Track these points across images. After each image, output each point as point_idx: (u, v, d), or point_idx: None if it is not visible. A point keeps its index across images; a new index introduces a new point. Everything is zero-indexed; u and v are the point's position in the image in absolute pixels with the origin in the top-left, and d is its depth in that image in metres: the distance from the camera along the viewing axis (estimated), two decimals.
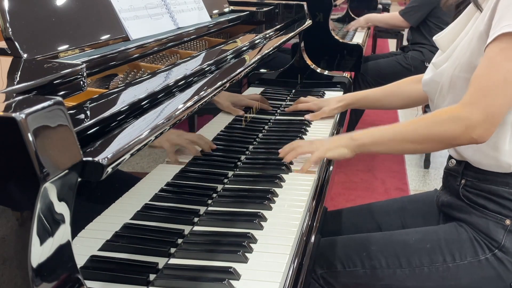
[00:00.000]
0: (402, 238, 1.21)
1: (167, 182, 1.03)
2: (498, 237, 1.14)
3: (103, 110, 0.75)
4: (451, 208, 1.26)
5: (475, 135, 1.05)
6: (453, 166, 1.25)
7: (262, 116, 1.61)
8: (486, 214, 1.17)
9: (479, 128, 1.05)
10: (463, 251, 1.16)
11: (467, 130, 1.06)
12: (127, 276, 0.84)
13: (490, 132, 1.06)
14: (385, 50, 6.55)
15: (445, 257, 1.16)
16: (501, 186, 1.16)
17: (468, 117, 1.05)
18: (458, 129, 1.07)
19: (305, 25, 1.95)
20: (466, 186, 1.21)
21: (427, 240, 1.19)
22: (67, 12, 0.97)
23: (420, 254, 1.17)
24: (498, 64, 1.03)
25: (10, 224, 0.55)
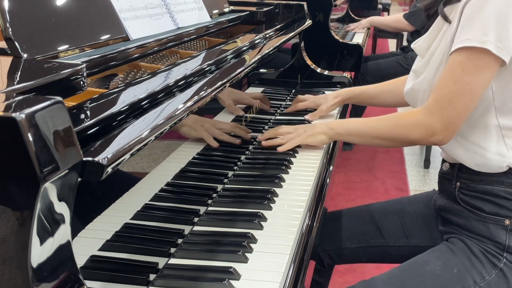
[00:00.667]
0: (428, 270, 1.15)
1: (167, 182, 1.03)
2: (501, 239, 1.13)
3: (103, 110, 0.75)
4: (448, 213, 1.25)
5: (435, 140, 1.14)
6: (447, 169, 1.25)
7: (262, 116, 1.61)
8: (484, 217, 1.16)
9: (439, 135, 1.13)
10: (485, 265, 1.13)
11: (427, 135, 1.14)
12: (127, 276, 0.84)
13: (449, 137, 1.13)
14: (385, 50, 6.55)
15: (475, 278, 1.12)
16: (496, 185, 1.15)
17: (428, 124, 1.13)
18: (418, 134, 1.16)
19: (305, 25, 1.95)
20: (461, 188, 1.21)
21: (452, 264, 1.15)
22: (67, 12, 0.97)
23: (451, 283, 1.12)
24: (456, 76, 1.09)
25: (10, 224, 0.55)
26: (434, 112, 1.12)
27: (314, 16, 2.87)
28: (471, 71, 1.07)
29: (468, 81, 1.07)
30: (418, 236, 1.35)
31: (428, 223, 1.35)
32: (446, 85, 1.10)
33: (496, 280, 1.12)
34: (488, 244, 1.15)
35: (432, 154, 3.43)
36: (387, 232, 1.37)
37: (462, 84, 1.08)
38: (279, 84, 1.88)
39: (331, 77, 2.05)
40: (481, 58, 1.05)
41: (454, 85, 1.09)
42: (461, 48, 1.07)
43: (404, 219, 1.37)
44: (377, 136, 1.24)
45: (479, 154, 1.15)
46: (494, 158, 1.14)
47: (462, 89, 1.08)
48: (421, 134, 1.15)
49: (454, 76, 1.09)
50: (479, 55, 1.05)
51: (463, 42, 1.06)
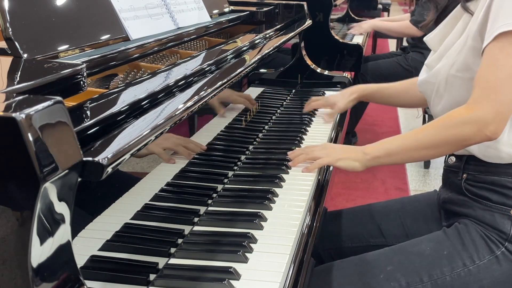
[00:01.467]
0: (416, 250, 1.16)
1: (167, 182, 1.03)
2: (506, 228, 1.14)
3: (103, 110, 0.75)
4: (452, 204, 1.25)
5: (489, 133, 1.07)
6: (453, 162, 1.26)
7: (262, 116, 1.61)
8: (490, 206, 1.16)
9: (492, 125, 1.07)
10: (479, 250, 1.14)
11: (480, 129, 1.07)
12: (127, 276, 0.84)
13: (501, 127, 1.08)
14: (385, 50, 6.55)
15: (465, 261, 1.13)
16: (503, 176, 1.16)
17: (479, 116, 1.07)
18: (471, 129, 1.08)
19: (305, 25, 1.95)
20: (468, 180, 1.21)
21: (442, 246, 1.16)
22: (67, 12, 0.97)
23: (439, 263, 1.13)
24: (500, 61, 1.06)
25: (10, 224, 0.55)
26: (481, 103, 1.07)
27: (314, 16, 2.87)
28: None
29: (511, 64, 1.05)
30: (418, 235, 1.35)
31: (429, 222, 1.35)
32: (490, 73, 1.07)
33: (488, 265, 1.12)
34: (491, 232, 1.15)
35: None
36: (388, 231, 1.37)
37: (507, 67, 1.05)
38: (279, 84, 1.88)
39: (331, 77, 2.05)
40: None
41: (499, 71, 1.06)
42: (499, 35, 1.05)
43: (404, 219, 1.38)
44: (426, 147, 1.15)
45: (490, 146, 1.15)
46: (504, 149, 1.15)
47: (509, 73, 1.05)
48: (474, 128, 1.08)
49: (496, 63, 1.06)
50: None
51: (500, 28, 1.05)
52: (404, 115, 4.40)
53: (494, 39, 1.06)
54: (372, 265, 1.16)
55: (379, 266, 1.15)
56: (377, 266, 1.15)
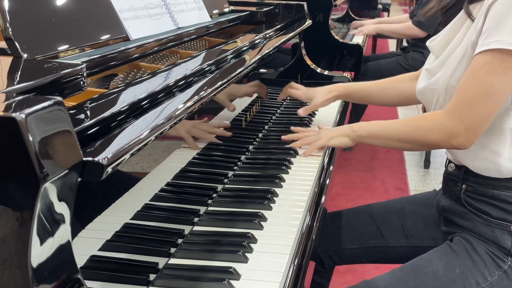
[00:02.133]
0: (429, 271, 1.14)
1: (167, 182, 1.03)
2: (506, 244, 1.13)
3: (103, 110, 0.75)
4: (452, 214, 1.24)
5: (456, 143, 1.11)
6: (453, 170, 1.24)
7: (262, 116, 1.61)
8: (490, 222, 1.15)
9: (460, 138, 1.10)
10: (489, 266, 1.12)
11: (448, 138, 1.11)
12: (127, 276, 0.84)
13: (471, 140, 1.10)
14: (385, 50, 6.55)
15: (477, 279, 1.11)
16: (503, 190, 1.15)
17: (449, 126, 1.10)
18: (439, 137, 1.13)
19: (305, 25, 1.95)
20: (467, 191, 1.20)
21: (454, 265, 1.14)
22: (67, 12, 0.97)
23: (454, 284, 1.12)
24: (479, 77, 1.06)
25: (10, 224, 0.55)
26: (454, 114, 1.10)
27: (314, 16, 2.87)
28: (495, 72, 1.04)
29: (492, 82, 1.05)
30: (418, 237, 1.35)
31: (428, 224, 1.34)
32: (469, 86, 1.08)
33: (498, 281, 1.11)
34: (493, 247, 1.14)
35: (432, 154, 3.43)
36: (388, 232, 1.37)
37: (486, 85, 1.05)
38: (279, 84, 1.87)
39: (331, 77, 2.05)
40: (507, 60, 1.03)
41: (476, 87, 1.06)
42: (486, 51, 1.04)
43: (404, 220, 1.37)
44: (398, 139, 1.22)
45: (490, 160, 1.14)
46: (505, 164, 1.13)
47: (485, 91, 1.06)
48: (441, 136, 1.12)
49: (477, 78, 1.06)
50: (506, 57, 1.03)
51: (489, 45, 1.04)
52: (404, 115, 4.40)
53: (481, 52, 1.05)
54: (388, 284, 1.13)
55: None
56: None
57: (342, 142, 1.32)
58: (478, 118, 1.08)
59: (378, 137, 1.27)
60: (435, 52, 1.26)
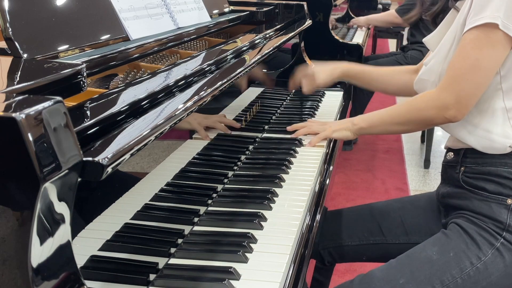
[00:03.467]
0: (423, 256, 1.16)
1: (167, 182, 1.03)
2: (502, 217, 1.14)
3: (103, 110, 0.75)
4: (450, 198, 1.26)
5: (448, 116, 1.17)
6: (452, 158, 1.27)
7: (262, 116, 1.61)
8: (486, 196, 1.18)
9: (451, 110, 1.16)
10: (481, 246, 1.14)
11: (440, 112, 1.18)
12: (127, 276, 0.84)
13: (462, 113, 1.16)
14: (385, 50, 6.55)
15: (471, 259, 1.13)
16: (500, 166, 1.18)
17: (441, 100, 1.17)
18: (433, 112, 1.19)
19: (305, 25, 1.95)
20: (465, 172, 1.23)
21: (447, 248, 1.16)
22: (67, 12, 0.97)
23: (448, 267, 1.13)
24: (467, 52, 1.13)
25: (10, 224, 0.55)
26: (445, 88, 1.16)
27: (314, 16, 2.87)
28: (480, 47, 1.11)
29: (477, 56, 1.11)
30: (418, 233, 1.35)
31: (429, 221, 1.35)
32: (457, 62, 1.15)
33: (492, 259, 1.13)
34: (488, 223, 1.16)
35: (432, 154, 3.43)
36: (388, 229, 1.37)
37: (472, 59, 1.12)
38: (279, 84, 1.88)
39: None
40: (490, 35, 1.10)
41: (464, 61, 1.13)
42: (473, 27, 1.11)
43: (404, 217, 1.38)
44: (396, 122, 1.29)
45: (485, 137, 1.18)
46: (499, 140, 1.17)
47: (471, 65, 1.12)
48: (435, 110, 1.18)
49: (464, 53, 1.13)
50: (489, 31, 1.09)
51: (476, 21, 1.10)
52: None
53: (468, 30, 1.12)
54: (384, 280, 1.14)
55: (392, 281, 1.14)
56: (389, 282, 1.14)
57: (344, 135, 1.40)
58: (467, 90, 1.14)
59: (377, 125, 1.34)
60: (430, 47, 1.33)
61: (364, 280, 1.17)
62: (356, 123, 1.38)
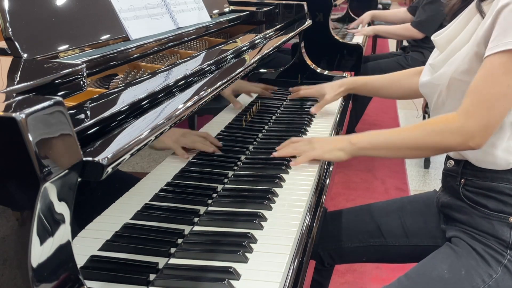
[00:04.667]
0: (435, 275, 1.14)
1: (167, 182, 1.03)
2: (505, 236, 1.13)
3: (103, 110, 0.75)
4: (451, 209, 1.24)
5: (473, 144, 1.09)
6: (452, 166, 1.25)
7: (262, 116, 1.61)
8: (488, 214, 1.15)
9: (477, 138, 1.08)
10: (491, 263, 1.13)
11: (465, 140, 1.09)
12: (127, 276, 0.84)
13: (486, 140, 1.10)
14: (385, 50, 6.55)
15: (483, 277, 1.11)
16: (501, 182, 1.15)
17: (466, 128, 1.09)
18: (456, 139, 1.10)
19: (305, 25, 1.95)
20: (466, 185, 1.20)
21: (458, 266, 1.14)
22: (67, 12, 0.97)
23: (462, 286, 1.12)
24: (498, 77, 1.05)
25: (10, 224, 0.55)
26: (471, 115, 1.08)
27: (314, 16, 2.87)
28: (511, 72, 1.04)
29: (509, 83, 1.04)
30: (418, 236, 1.35)
31: (428, 223, 1.35)
32: (486, 87, 1.07)
33: (502, 276, 1.12)
34: (492, 241, 1.14)
35: None
36: (387, 231, 1.37)
37: (504, 86, 1.05)
38: (279, 84, 1.88)
39: (331, 77, 2.04)
40: None
41: (495, 88, 1.06)
42: (502, 51, 1.04)
43: (404, 219, 1.37)
44: (408, 147, 1.17)
45: (488, 152, 1.15)
46: (501, 155, 1.14)
47: (503, 92, 1.05)
48: (460, 139, 1.10)
49: (494, 78, 1.06)
50: None
51: (507, 45, 1.03)
52: (404, 115, 4.40)
53: (497, 53, 1.05)
54: None
55: None
56: None
57: (337, 156, 1.25)
58: (495, 118, 1.08)
59: (383, 148, 1.21)
60: (439, 47, 1.25)
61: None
62: (355, 143, 1.22)
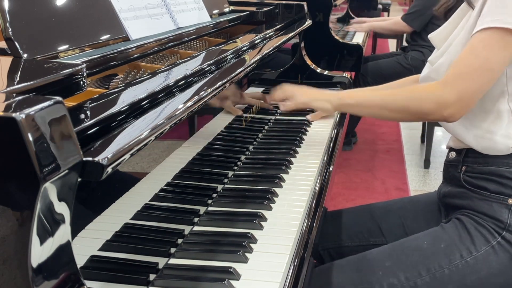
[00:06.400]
0: (414, 244, 1.18)
1: (167, 182, 1.03)
2: (503, 217, 1.15)
3: (103, 110, 0.75)
4: (452, 197, 1.26)
5: (446, 114, 1.13)
6: (454, 157, 1.27)
7: (262, 116, 1.61)
8: (487, 196, 1.18)
9: (451, 108, 1.12)
10: (476, 241, 1.14)
11: (439, 108, 1.13)
12: (127, 276, 0.84)
13: (460, 113, 1.13)
14: (385, 50, 6.55)
15: (462, 252, 1.14)
16: (501, 166, 1.18)
17: (442, 96, 1.13)
18: (432, 106, 1.14)
19: (305, 25, 1.95)
20: (466, 172, 1.23)
21: (440, 240, 1.17)
22: (67, 12, 0.97)
23: (437, 256, 1.14)
24: (477, 51, 1.10)
25: (10, 224, 0.55)
26: (449, 84, 1.12)
27: (314, 16, 2.87)
28: (492, 48, 1.09)
29: (488, 56, 1.09)
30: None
31: (429, 222, 1.35)
32: (465, 59, 1.11)
33: (485, 256, 1.13)
34: (488, 221, 1.16)
35: (432, 154, 3.43)
36: (388, 230, 1.37)
37: (482, 58, 1.09)
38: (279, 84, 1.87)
39: (331, 77, 2.04)
40: (505, 38, 1.08)
41: (473, 60, 1.10)
42: (486, 28, 1.09)
43: (404, 218, 1.38)
44: (388, 108, 1.23)
45: (487, 138, 1.18)
46: (501, 140, 1.16)
47: (480, 64, 1.10)
48: (434, 106, 1.14)
49: (474, 51, 1.10)
50: (504, 34, 1.08)
51: (489, 23, 1.08)
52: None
53: (481, 30, 1.10)
54: (371, 262, 1.17)
55: (378, 263, 1.16)
56: (376, 263, 1.16)
57: (323, 106, 1.34)
58: (471, 90, 1.11)
59: (366, 106, 1.27)
60: (436, 44, 1.29)
61: (354, 259, 1.20)
62: (342, 98, 1.31)
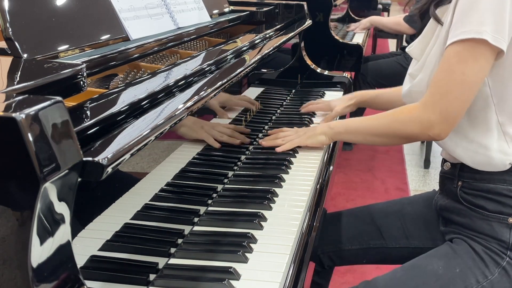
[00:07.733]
0: (429, 270, 1.14)
1: (167, 182, 1.03)
2: (505, 237, 1.13)
3: (103, 110, 0.75)
4: (449, 212, 1.24)
5: (432, 134, 1.12)
6: (449, 169, 1.25)
7: (262, 116, 1.61)
8: (487, 216, 1.15)
9: (436, 128, 1.11)
10: (488, 264, 1.12)
11: (424, 129, 1.13)
12: (127, 276, 0.84)
13: (446, 131, 1.12)
14: (385, 50, 6.55)
15: (478, 277, 1.12)
16: (498, 183, 1.15)
17: (425, 118, 1.12)
18: (416, 128, 1.14)
19: (305, 25, 1.95)
20: (463, 187, 1.20)
21: (454, 264, 1.14)
22: (67, 12, 0.97)
23: (454, 283, 1.12)
24: (452, 67, 1.08)
25: (10, 224, 0.55)
26: (430, 105, 1.11)
27: (314, 16, 2.87)
28: (466, 61, 1.06)
29: (463, 70, 1.07)
30: (418, 237, 1.34)
31: (428, 224, 1.34)
32: (442, 77, 1.10)
33: (499, 279, 1.11)
34: (492, 242, 1.14)
35: (432, 154, 3.43)
36: (387, 233, 1.36)
37: (458, 73, 1.07)
38: (279, 84, 1.88)
39: (331, 77, 2.04)
40: (476, 48, 1.05)
41: (450, 76, 1.09)
42: (456, 42, 1.07)
43: (404, 220, 1.37)
44: (375, 134, 1.24)
45: (481, 153, 1.14)
46: (497, 157, 1.13)
47: (457, 80, 1.08)
48: (418, 128, 1.14)
49: (449, 67, 1.09)
50: (475, 45, 1.05)
51: (459, 35, 1.06)
52: None
53: (451, 43, 1.08)
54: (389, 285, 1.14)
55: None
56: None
57: (319, 140, 1.36)
58: (453, 107, 1.10)
59: (355, 132, 1.30)
60: (415, 56, 1.28)
61: (368, 287, 1.16)
62: (333, 127, 1.34)
